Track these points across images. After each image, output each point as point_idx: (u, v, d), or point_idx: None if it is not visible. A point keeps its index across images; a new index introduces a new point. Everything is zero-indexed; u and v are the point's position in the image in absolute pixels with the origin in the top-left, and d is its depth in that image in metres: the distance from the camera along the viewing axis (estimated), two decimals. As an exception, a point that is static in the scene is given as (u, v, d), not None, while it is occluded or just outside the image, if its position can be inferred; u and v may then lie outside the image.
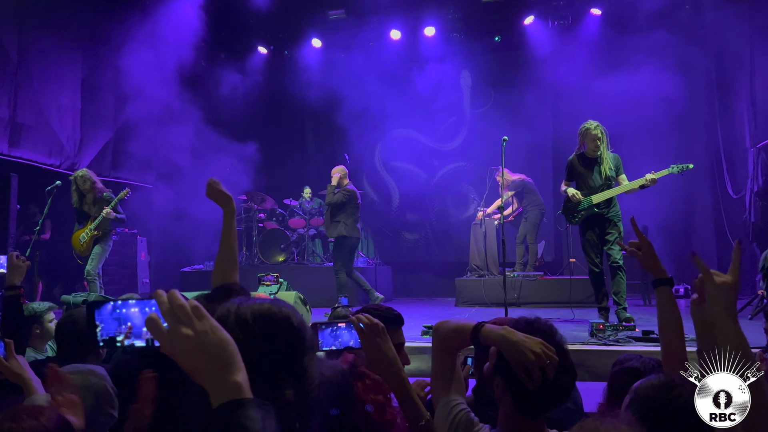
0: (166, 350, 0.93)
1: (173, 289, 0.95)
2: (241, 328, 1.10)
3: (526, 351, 1.49)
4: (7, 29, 7.84)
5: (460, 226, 10.65)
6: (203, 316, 0.94)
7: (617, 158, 5.67)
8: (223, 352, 0.93)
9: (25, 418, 1.43)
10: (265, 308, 1.15)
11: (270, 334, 1.12)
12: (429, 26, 10.26)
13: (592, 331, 4.84)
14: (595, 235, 5.62)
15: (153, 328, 0.92)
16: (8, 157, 7.91)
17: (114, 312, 1.10)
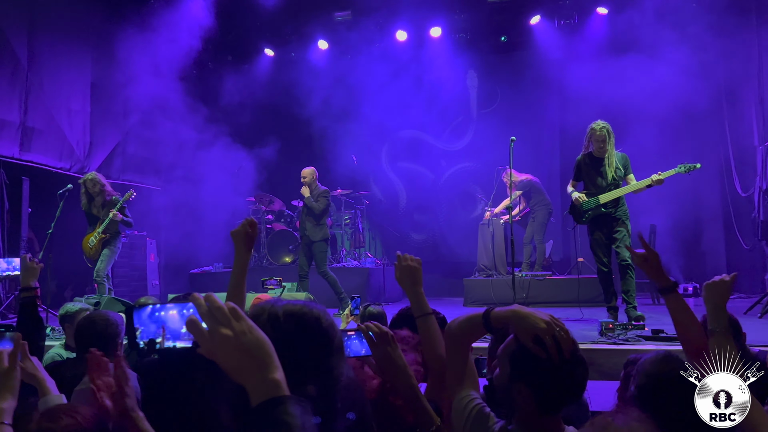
0: (207, 351, 0.96)
1: (210, 292, 0.98)
2: (272, 325, 1.13)
3: (537, 321, 1.54)
4: (18, 34, 7.92)
5: (467, 227, 10.65)
6: (240, 317, 0.97)
7: (625, 158, 5.66)
8: (261, 351, 0.96)
9: (63, 417, 1.47)
10: (297, 308, 1.18)
11: (299, 333, 1.15)
12: (435, 26, 10.28)
13: (601, 331, 4.84)
14: (603, 234, 5.61)
15: (194, 329, 0.95)
16: (19, 161, 8.00)
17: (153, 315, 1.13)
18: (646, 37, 8.60)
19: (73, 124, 8.90)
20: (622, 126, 8.54)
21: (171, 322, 1.12)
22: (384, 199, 11.20)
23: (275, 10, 10.15)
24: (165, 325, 1.13)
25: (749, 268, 8.56)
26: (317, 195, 7.60)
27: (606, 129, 5.48)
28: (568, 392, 1.56)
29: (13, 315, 7.61)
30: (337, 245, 10.09)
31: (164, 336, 1.12)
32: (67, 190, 6.90)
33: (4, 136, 7.74)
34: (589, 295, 7.45)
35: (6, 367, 1.46)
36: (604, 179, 5.55)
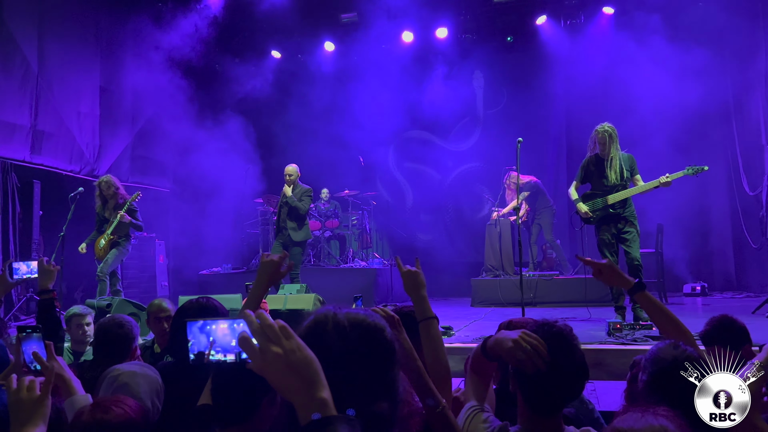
0: (257, 367, 0.98)
1: (261, 310, 1.01)
2: (339, 335, 1.12)
3: (505, 342, 1.65)
4: (28, 39, 8.00)
5: (474, 227, 10.68)
6: (290, 336, 0.99)
7: (632, 159, 5.71)
8: (309, 370, 0.98)
9: (113, 408, 1.56)
10: (361, 318, 1.17)
11: (366, 344, 1.14)
12: (441, 27, 10.30)
13: (609, 331, 4.86)
14: (610, 234, 5.67)
15: (246, 346, 0.98)
16: (30, 164, 8.08)
17: (204, 328, 1.16)
18: (652, 37, 8.60)
19: (83, 127, 8.98)
20: (629, 126, 8.54)
21: (221, 336, 1.16)
22: (391, 200, 11.24)
23: (282, 12, 10.20)
24: (215, 339, 1.16)
25: (757, 267, 8.54)
26: (300, 194, 7.40)
27: (608, 132, 5.56)
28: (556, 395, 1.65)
29: (25, 317, 7.69)
30: (346, 246, 10.13)
31: (214, 349, 1.15)
32: (78, 193, 6.96)
33: (15, 140, 7.82)
34: (596, 295, 7.46)
35: (38, 395, 1.49)
36: (611, 180, 5.62)
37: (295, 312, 5.76)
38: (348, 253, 9.93)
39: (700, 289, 8.66)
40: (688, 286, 8.85)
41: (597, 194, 5.73)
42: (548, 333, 1.67)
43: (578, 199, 5.87)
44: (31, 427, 1.45)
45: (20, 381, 1.50)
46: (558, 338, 1.66)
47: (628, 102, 8.77)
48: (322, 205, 9.97)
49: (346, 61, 11.05)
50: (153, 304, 3.44)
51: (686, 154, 8.83)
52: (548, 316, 5.62)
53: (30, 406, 1.47)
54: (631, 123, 8.61)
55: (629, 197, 5.64)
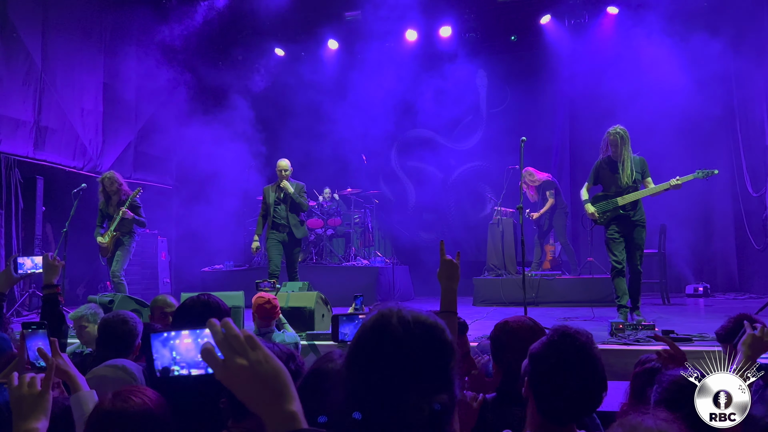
0: (222, 380, 0.94)
1: (227, 318, 0.97)
2: (404, 329, 1.11)
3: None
4: (32, 35, 8.02)
5: (477, 226, 10.67)
6: (257, 346, 0.95)
7: (643, 162, 5.82)
8: (277, 382, 0.94)
9: (132, 397, 1.58)
10: (423, 316, 1.16)
11: (429, 339, 1.13)
12: (445, 26, 10.29)
13: (612, 331, 4.85)
14: (619, 234, 5.78)
15: (209, 358, 0.93)
16: (33, 160, 8.09)
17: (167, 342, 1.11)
18: (656, 36, 8.57)
19: (86, 124, 9.00)
20: (633, 126, 8.47)
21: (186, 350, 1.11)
22: (393, 198, 11.23)
23: (286, 9, 10.20)
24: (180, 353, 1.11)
25: (760, 268, 8.52)
26: (299, 190, 7.20)
27: (619, 134, 5.68)
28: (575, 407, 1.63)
29: (27, 312, 7.70)
30: (348, 244, 10.13)
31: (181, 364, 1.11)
32: (81, 189, 6.96)
33: (19, 135, 7.83)
34: (598, 295, 7.45)
35: (39, 391, 1.52)
36: (622, 182, 5.72)
37: (297, 310, 5.75)
38: (350, 252, 9.93)
39: (702, 290, 8.64)
40: (691, 287, 8.83)
41: (609, 195, 5.83)
42: (572, 346, 1.64)
43: (587, 200, 5.94)
44: (33, 422, 1.48)
45: (21, 378, 1.53)
46: (582, 352, 1.64)
47: (632, 102, 8.74)
48: (324, 203, 9.97)
49: (349, 58, 11.05)
50: (158, 299, 3.44)
51: (690, 154, 8.82)
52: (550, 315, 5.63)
53: (31, 401, 1.50)
54: (635, 123, 8.55)
55: (640, 199, 5.75)
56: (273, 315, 3.93)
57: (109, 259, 6.84)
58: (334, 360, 1.51)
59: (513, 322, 2.33)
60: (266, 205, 7.14)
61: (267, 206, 7.13)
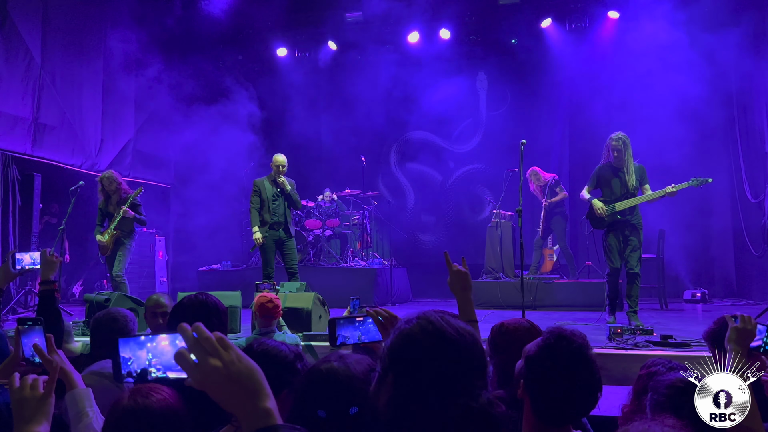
0: (196, 383, 0.94)
1: (198, 323, 0.97)
2: (458, 334, 1.21)
3: None
4: (32, 32, 7.99)
5: (475, 229, 10.66)
6: (229, 347, 0.96)
7: (642, 169, 6.01)
8: (252, 381, 0.95)
9: (153, 394, 1.56)
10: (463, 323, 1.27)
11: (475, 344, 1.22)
12: (446, 28, 10.28)
13: (609, 335, 4.84)
14: (617, 239, 5.99)
15: (183, 362, 0.94)
16: (31, 157, 8.06)
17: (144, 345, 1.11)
18: (657, 42, 8.57)
19: (85, 121, 8.97)
20: (632, 130, 8.48)
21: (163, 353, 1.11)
22: (392, 200, 11.22)
23: (287, 9, 10.19)
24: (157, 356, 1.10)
25: (758, 274, 8.52)
26: (293, 187, 6.98)
27: (622, 140, 5.89)
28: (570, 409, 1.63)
29: (23, 310, 7.67)
30: (346, 245, 10.11)
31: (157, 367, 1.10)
32: (78, 187, 6.94)
33: (17, 132, 7.80)
34: (596, 299, 7.44)
35: (41, 394, 1.49)
36: (623, 187, 5.92)
37: (294, 310, 5.73)
38: (348, 253, 9.91)
39: (700, 295, 8.64)
40: (689, 292, 8.83)
41: (607, 201, 6.00)
42: (567, 349, 1.64)
43: (591, 197, 6.09)
44: (34, 425, 1.46)
45: (23, 380, 1.50)
46: (578, 354, 1.64)
47: (631, 107, 8.75)
48: (323, 204, 9.95)
49: (350, 60, 11.04)
50: (150, 298, 3.41)
51: (689, 160, 8.81)
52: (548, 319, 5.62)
53: (33, 404, 1.47)
54: (634, 128, 8.57)
55: (637, 205, 5.95)
56: (275, 315, 3.91)
57: (108, 258, 6.77)
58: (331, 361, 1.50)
59: (510, 324, 2.32)
60: (261, 199, 6.80)
61: (262, 201, 6.79)
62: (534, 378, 1.65)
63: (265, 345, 1.86)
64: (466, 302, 2.10)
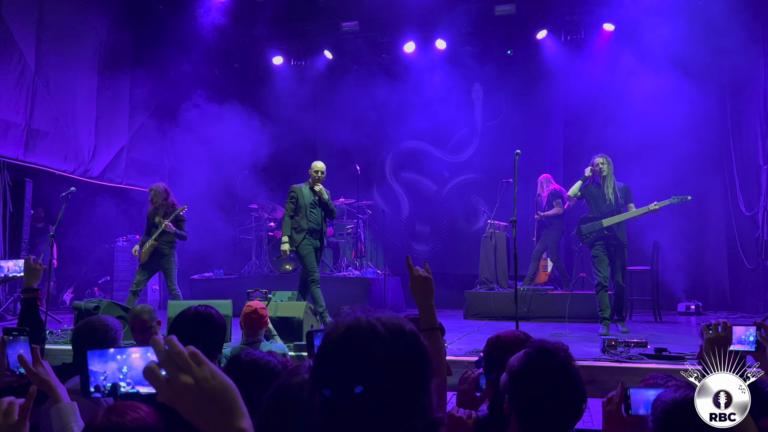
0: (166, 400, 0.89)
1: (171, 336, 0.92)
2: (379, 342, 1.02)
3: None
4: (26, 37, 7.96)
5: (469, 239, 10.63)
6: (202, 362, 0.91)
7: (626, 189, 6.57)
8: (225, 398, 0.90)
9: (128, 412, 1.50)
10: (398, 324, 1.07)
11: (405, 352, 1.04)
12: (441, 39, 10.30)
13: (603, 348, 4.80)
14: (603, 253, 6.48)
15: (152, 377, 0.89)
16: (24, 163, 8.00)
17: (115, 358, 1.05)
18: (652, 54, 8.61)
19: (79, 127, 8.92)
20: (627, 143, 8.54)
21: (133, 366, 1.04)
22: (387, 210, 11.19)
23: (283, 19, 10.19)
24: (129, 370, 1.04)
25: (752, 287, 8.51)
26: (329, 196, 6.86)
27: (606, 162, 6.47)
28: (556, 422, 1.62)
29: (12, 317, 7.58)
30: (339, 254, 10.06)
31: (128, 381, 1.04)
32: (69, 193, 6.88)
33: (9, 138, 7.75)
34: (590, 311, 7.40)
35: (15, 421, 1.42)
36: (608, 205, 6.45)
37: (285, 320, 5.68)
38: (342, 262, 9.86)
39: (694, 308, 8.62)
40: (683, 304, 8.81)
41: (594, 218, 6.53)
42: (549, 362, 1.64)
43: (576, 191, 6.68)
44: None
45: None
46: (560, 368, 1.64)
47: (626, 119, 8.77)
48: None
49: (345, 69, 11.05)
50: (132, 311, 3.35)
51: (683, 172, 8.83)
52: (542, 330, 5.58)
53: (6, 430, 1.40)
54: (629, 140, 8.60)
55: (623, 222, 6.44)
56: (260, 325, 3.86)
57: (142, 266, 6.90)
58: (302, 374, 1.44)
59: (505, 336, 2.28)
60: (297, 206, 6.61)
61: (299, 208, 6.60)
62: (517, 392, 1.65)
63: (253, 355, 1.82)
64: (428, 308, 1.99)
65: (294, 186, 6.76)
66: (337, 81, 11.04)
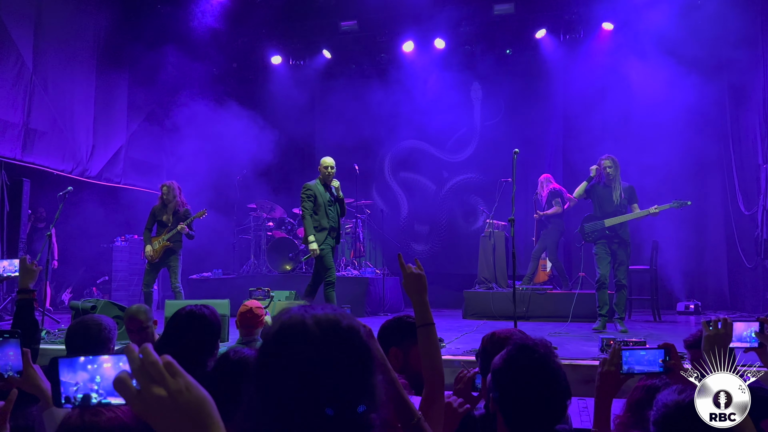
0: (137, 412, 0.85)
1: (146, 344, 0.88)
2: (309, 341, 1.01)
3: None
4: (24, 36, 7.94)
5: (468, 238, 10.61)
6: (177, 373, 0.86)
7: (631, 189, 6.62)
8: (200, 413, 0.85)
9: (104, 411, 1.47)
10: (333, 320, 1.05)
11: (339, 349, 1.03)
12: (440, 38, 10.29)
13: (602, 347, 4.78)
14: (605, 252, 6.57)
15: (122, 388, 0.84)
16: (21, 162, 7.98)
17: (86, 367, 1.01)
18: (651, 54, 8.60)
19: (77, 127, 8.90)
20: (626, 141, 8.54)
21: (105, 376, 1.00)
22: (386, 209, 11.17)
23: (282, 18, 10.18)
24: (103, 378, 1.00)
25: (751, 287, 8.50)
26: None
27: (612, 162, 6.51)
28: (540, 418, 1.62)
29: (9, 317, 7.56)
30: (338, 254, 10.04)
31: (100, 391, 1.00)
32: (67, 192, 6.86)
33: (6, 137, 7.73)
34: (589, 310, 7.38)
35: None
36: (612, 205, 6.52)
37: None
38: (340, 262, 9.84)
39: (693, 307, 8.60)
40: (682, 304, 8.79)
41: (598, 217, 6.63)
42: (530, 359, 1.64)
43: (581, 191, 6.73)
44: None
45: None
46: (540, 364, 1.63)
47: (626, 118, 8.76)
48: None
49: (344, 68, 11.04)
50: (127, 311, 3.33)
51: (683, 171, 8.83)
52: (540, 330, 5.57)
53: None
54: (628, 139, 8.60)
55: (626, 222, 6.52)
56: (255, 324, 3.85)
57: (152, 265, 7.04)
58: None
59: (501, 333, 2.27)
60: (316, 204, 6.40)
61: (318, 206, 6.40)
62: (501, 390, 1.65)
63: (241, 353, 1.80)
64: (422, 305, 1.98)
65: (308, 183, 6.55)
66: (335, 81, 11.03)
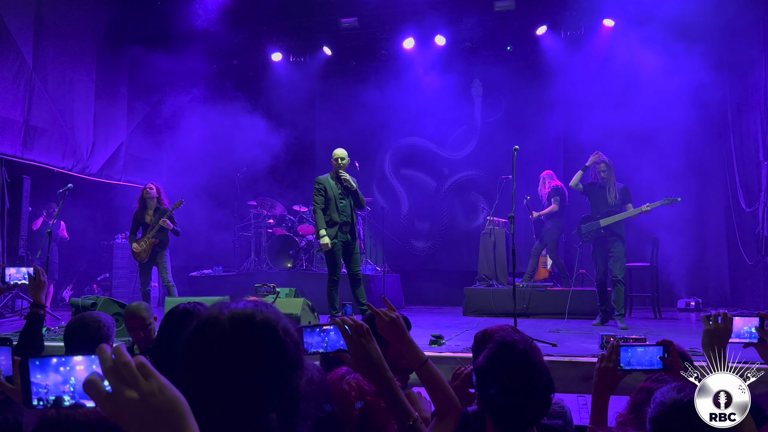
0: (109, 415, 0.82)
1: (119, 344, 0.86)
2: (219, 339, 1.01)
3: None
4: (24, 33, 7.93)
5: (469, 235, 10.61)
6: (150, 374, 0.83)
7: (626, 189, 6.78)
8: (174, 415, 0.83)
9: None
10: (247, 315, 1.03)
11: (249, 347, 1.01)
12: (441, 35, 10.26)
13: (602, 344, 4.78)
14: (601, 250, 6.77)
15: (93, 390, 0.82)
16: (21, 159, 7.98)
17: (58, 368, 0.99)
18: (652, 50, 8.57)
19: (77, 124, 8.90)
20: (627, 138, 8.51)
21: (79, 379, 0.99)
22: (386, 206, 11.17)
23: (283, 15, 10.15)
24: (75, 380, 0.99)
25: (752, 284, 8.49)
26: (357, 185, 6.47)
27: (606, 164, 6.73)
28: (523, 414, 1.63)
29: (10, 314, 7.57)
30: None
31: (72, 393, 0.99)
32: (67, 189, 6.87)
33: (7, 135, 7.73)
34: (589, 307, 7.39)
35: None
36: (607, 205, 6.71)
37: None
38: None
39: (694, 304, 8.60)
40: (683, 301, 8.79)
41: (594, 217, 6.81)
42: (510, 356, 1.63)
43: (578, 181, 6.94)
44: None
45: None
46: (521, 360, 1.63)
47: (627, 115, 8.73)
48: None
49: (345, 65, 11.02)
50: (128, 309, 3.32)
51: (684, 167, 8.81)
52: (540, 327, 5.58)
53: None
54: (629, 136, 8.57)
55: (621, 220, 6.67)
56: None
57: (143, 265, 7.18)
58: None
59: (490, 330, 2.26)
60: (327, 198, 6.22)
61: (328, 199, 6.21)
62: (484, 388, 1.65)
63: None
64: (408, 346, 1.87)
65: (319, 177, 6.40)
66: (336, 77, 11.01)
